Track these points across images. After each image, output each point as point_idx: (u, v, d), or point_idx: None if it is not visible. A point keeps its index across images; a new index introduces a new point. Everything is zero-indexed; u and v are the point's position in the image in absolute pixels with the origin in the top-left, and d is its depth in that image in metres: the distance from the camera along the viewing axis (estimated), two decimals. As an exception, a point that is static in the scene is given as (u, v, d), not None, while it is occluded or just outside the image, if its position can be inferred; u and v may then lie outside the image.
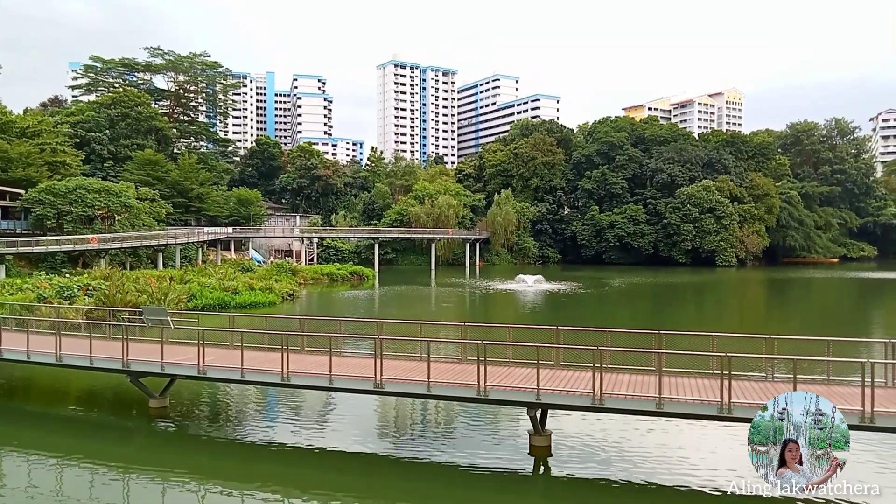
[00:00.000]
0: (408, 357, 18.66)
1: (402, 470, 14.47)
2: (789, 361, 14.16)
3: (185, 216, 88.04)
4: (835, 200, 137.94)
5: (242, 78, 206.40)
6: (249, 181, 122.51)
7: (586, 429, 16.68)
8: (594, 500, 13.03)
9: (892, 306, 56.26)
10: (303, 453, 15.46)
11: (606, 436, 16.30)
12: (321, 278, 70.53)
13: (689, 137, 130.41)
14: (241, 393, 21.05)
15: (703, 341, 17.96)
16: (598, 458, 14.78)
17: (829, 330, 32.89)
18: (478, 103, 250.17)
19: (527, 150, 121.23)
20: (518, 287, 62.66)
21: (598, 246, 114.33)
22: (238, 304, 43.71)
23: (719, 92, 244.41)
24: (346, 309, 47.86)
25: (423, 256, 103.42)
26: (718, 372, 13.63)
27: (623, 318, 44.39)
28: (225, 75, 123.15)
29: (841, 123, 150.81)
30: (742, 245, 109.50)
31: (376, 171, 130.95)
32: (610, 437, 16.20)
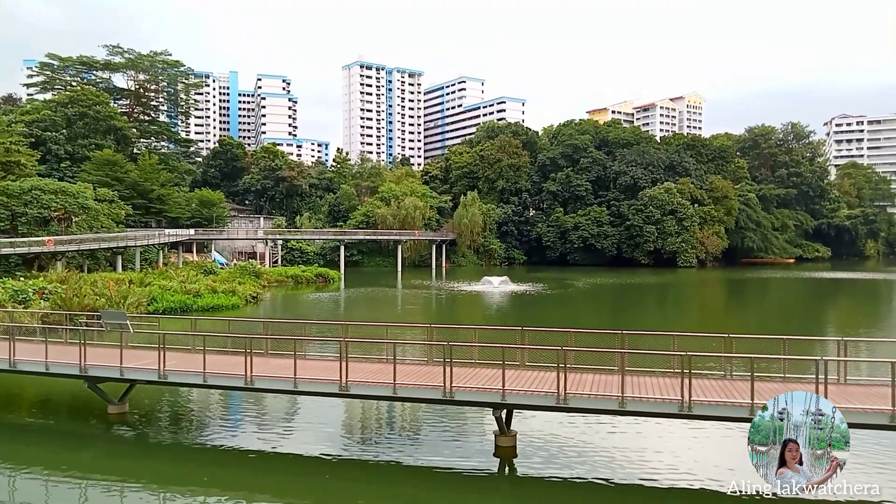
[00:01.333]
0: (374, 359, 18.60)
1: (368, 473, 14.41)
2: (747, 360, 14.53)
3: (145, 218, 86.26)
4: (791, 203, 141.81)
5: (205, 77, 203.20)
6: (212, 182, 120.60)
7: (551, 428, 16.85)
8: (559, 499, 13.16)
9: (845, 305, 58.05)
10: (267, 458, 15.29)
11: (571, 435, 16.49)
12: (286, 280, 69.80)
13: (651, 140, 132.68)
14: (203, 398, 20.72)
15: (665, 341, 18.30)
16: (563, 457, 14.94)
17: (785, 329, 33.87)
18: (444, 105, 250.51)
19: (493, 152, 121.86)
20: (484, 288, 62.93)
21: (563, 247, 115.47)
22: (200, 308, 42.96)
23: (681, 96, 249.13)
24: (312, 311, 47.46)
25: (389, 258, 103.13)
26: (679, 371, 13.90)
27: (587, 318, 44.91)
28: (187, 74, 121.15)
29: (797, 128, 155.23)
30: (702, 246, 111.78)
31: (342, 173, 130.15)
32: (574, 437, 16.40)
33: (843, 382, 15.27)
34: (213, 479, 14.19)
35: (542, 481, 13.71)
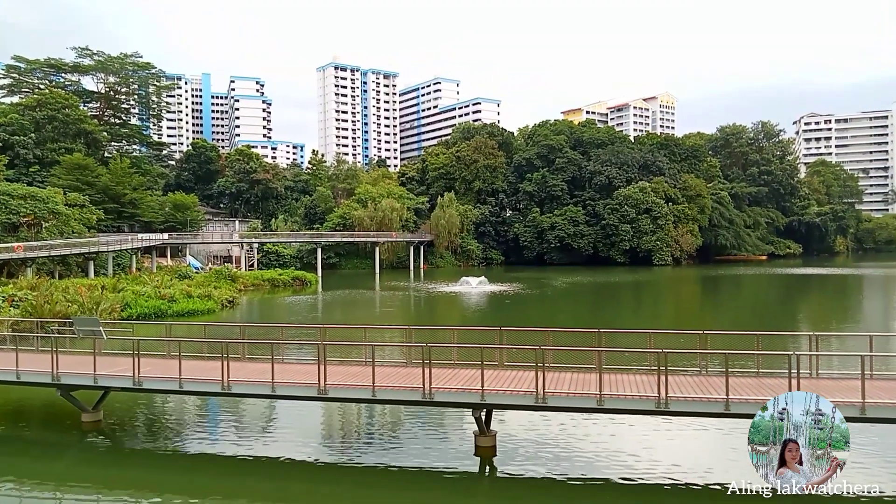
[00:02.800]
0: (352, 362, 18.53)
1: (348, 476, 14.35)
2: (722, 356, 14.73)
3: (117, 222, 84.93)
4: (762, 200, 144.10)
5: (177, 79, 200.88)
6: (186, 185, 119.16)
7: (531, 427, 16.92)
8: (539, 498, 13.23)
9: (816, 301, 59.17)
10: (246, 463, 15.15)
11: (550, 434, 16.57)
12: (262, 284, 69.17)
13: (625, 140, 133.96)
14: (179, 404, 20.45)
15: (641, 338, 18.50)
16: (543, 456, 15.01)
17: (758, 325, 34.42)
18: (419, 106, 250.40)
19: (469, 153, 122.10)
20: (462, 289, 63.00)
21: (540, 247, 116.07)
22: (175, 313, 42.45)
23: (653, 96, 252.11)
24: (289, 315, 47.12)
25: (366, 260, 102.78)
26: (656, 368, 14.05)
27: (565, 317, 45.21)
28: (158, 77, 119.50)
29: (767, 126, 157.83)
30: (677, 244, 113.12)
31: (318, 175, 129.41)
32: (554, 435, 16.48)
33: (815, 376, 15.55)
34: (190, 485, 14.02)
35: (523, 480, 13.76)
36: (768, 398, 13.67)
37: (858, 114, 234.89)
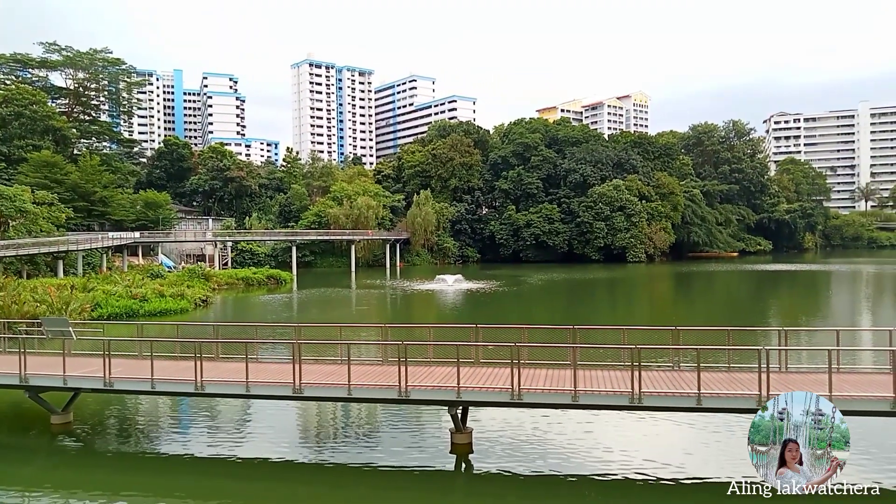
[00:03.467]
0: (328, 361, 18.45)
1: (325, 475, 14.30)
2: (694, 351, 14.97)
3: (87, 221, 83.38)
4: (733, 198, 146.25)
5: (148, 76, 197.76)
6: (157, 183, 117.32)
7: (507, 424, 17.02)
8: (515, 494, 13.31)
9: (786, 296, 60.30)
10: (221, 463, 15.01)
11: (526, 430, 16.68)
12: (236, 283, 68.48)
13: (599, 138, 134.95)
14: (152, 405, 20.19)
15: (615, 335, 18.71)
16: (519, 452, 15.11)
17: (730, 320, 34.97)
18: (395, 104, 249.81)
19: (445, 150, 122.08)
20: (438, 287, 63.04)
21: (516, 245, 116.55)
22: (147, 312, 41.89)
23: (627, 95, 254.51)
24: (263, 314, 46.76)
25: (342, 258, 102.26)
26: (629, 364, 14.22)
27: (541, 314, 45.52)
28: (129, 72, 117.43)
29: (738, 125, 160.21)
30: (650, 241, 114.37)
31: (292, 173, 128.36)
32: (530, 431, 16.59)
33: (784, 371, 15.86)
34: (164, 487, 13.86)
35: (499, 477, 13.85)
36: (739, 393, 14.01)
37: (826, 113, 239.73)
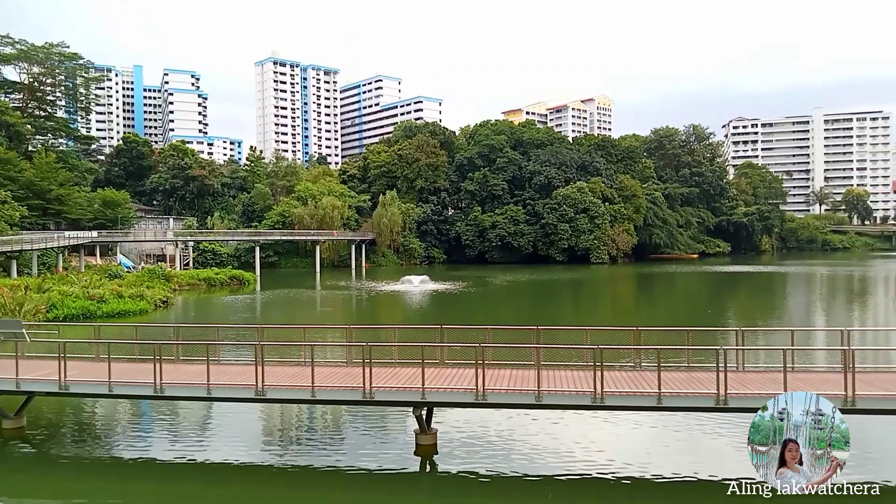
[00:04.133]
0: (291, 363, 18.28)
1: (288, 478, 14.16)
2: (654, 351, 15.24)
3: (42, 219, 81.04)
4: (694, 201, 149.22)
5: (107, 71, 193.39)
6: (116, 182, 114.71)
7: (471, 425, 17.07)
8: (479, 494, 13.38)
9: (743, 297, 61.77)
10: (182, 467, 14.75)
11: (491, 430, 16.76)
12: (198, 284, 67.30)
13: (564, 141, 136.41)
14: (110, 409, 19.73)
15: (579, 335, 18.92)
16: (483, 452, 15.18)
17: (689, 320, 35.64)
18: (361, 104, 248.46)
19: (411, 151, 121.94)
20: (404, 288, 62.92)
21: (482, 246, 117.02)
22: (105, 314, 40.90)
23: (591, 98, 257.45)
24: (226, 315, 46.07)
25: (307, 259, 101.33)
26: (592, 364, 14.42)
27: (506, 315, 45.79)
28: (86, 67, 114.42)
29: (698, 129, 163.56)
30: (613, 243, 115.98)
31: (256, 172, 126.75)
32: (494, 432, 16.68)
33: (741, 370, 16.26)
34: (123, 492, 13.57)
35: (463, 477, 13.89)
36: (698, 392, 14.31)
37: (782, 118, 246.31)
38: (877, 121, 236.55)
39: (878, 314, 44.55)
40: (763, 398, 13.96)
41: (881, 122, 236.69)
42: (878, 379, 15.07)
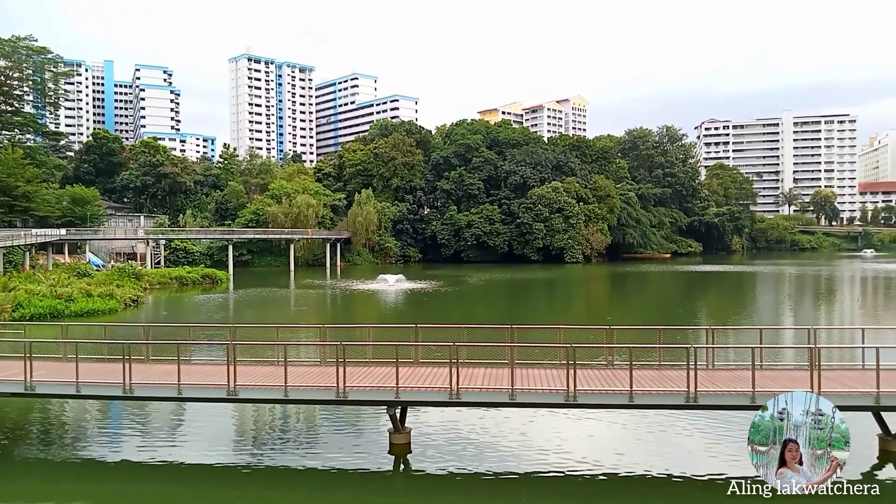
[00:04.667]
0: (264, 362, 18.11)
1: (261, 479, 14.04)
2: (627, 350, 15.40)
3: (9, 217, 79.19)
4: (667, 201, 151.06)
5: (76, 66, 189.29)
6: (86, 178, 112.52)
7: (445, 424, 17.10)
8: (452, 492, 13.42)
9: (714, 296, 62.72)
10: (152, 468, 14.54)
11: (464, 429, 16.80)
12: (169, 282, 66.37)
13: (539, 141, 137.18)
14: (78, 410, 19.37)
15: (552, 334, 19.02)
16: (457, 451, 15.21)
17: (661, 319, 36.12)
18: (336, 102, 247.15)
19: (387, 150, 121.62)
20: (379, 287, 62.74)
21: (457, 245, 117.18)
22: (73, 313, 40.16)
23: (566, 98, 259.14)
24: (198, 314, 45.50)
25: (281, 258, 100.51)
26: (565, 362, 14.52)
27: (481, 313, 45.92)
28: (55, 62, 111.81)
29: (671, 131, 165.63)
30: (588, 243, 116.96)
31: (229, 169, 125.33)
32: (468, 431, 16.72)
33: (711, 368, 16.48)
34: (92, 494, 13.35)
35: (437, 476, 13.91)
36: (668, 389, 14.50)
37: (753, 120, 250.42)
38: (844, 124, 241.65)
39: (844, 313, 45.56)
40: (732, 396, 14.27)
41: (848, 126, 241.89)
42: (843, 376, 15.42)
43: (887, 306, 50.88)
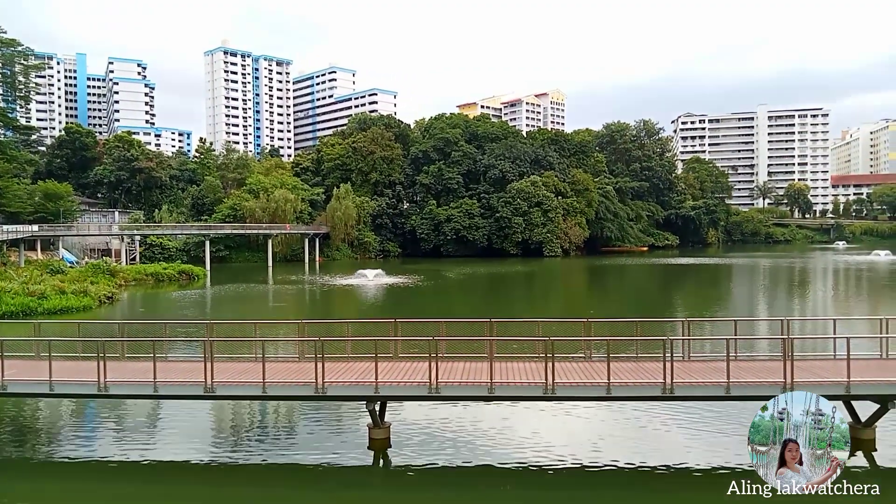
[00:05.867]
0: (242, 359, 17.99)
1: (239, 475, 13.97)
2: (604, 342, 15.54)
3: (-22, 213, 77.59)
4: (644, 195, 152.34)
5: (48, 59, 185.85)
6: (58, 173, 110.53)
7: (425, 418, 17.13)
8: (432, 486, 13.46)
9: (690, 288, 63.49)
10: (130, 467, 14.37)
11: (444, 423, 16.85)
12: (145, 279, 65.52)
13: (517, 135, 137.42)
14: (52, 410, 19.07)
15: (531, 327, 19.14)
16: (436, 445, 15.25)
17: (639, 311, 36.46)
18: (314, 95, 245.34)
19: (365, 144, 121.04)
20: (359, 282, 62.56)
21: (437, 239, 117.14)
22: (46, 311, 39.48)
23: (544, 93, 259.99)
24: (174, 311, 45.02)
25: (259, 253, 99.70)
26: (543, 355, 14.61)
27: (460, 308, 45.99)
28: (26, 55, 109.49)
29: (648, 125, 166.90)
30: (566, 236, 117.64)
31: (206, 164, 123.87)
32: (447, 425, 16.76)
33: (687, 359, 16.69)
34: (67, 493, 13.19)
35: (416, 470, 13.94)
36: (645, 381, 14.67)
37: (728, 115, 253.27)
38: (817, 118, 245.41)
39: (817, 304, 46.39)
40: (707, 387, 14.48)
41: (821, 120, 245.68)
42: (815, 366, 15.71)
43: (858, 297, 51.90)
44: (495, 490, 13.12)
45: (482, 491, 13.16)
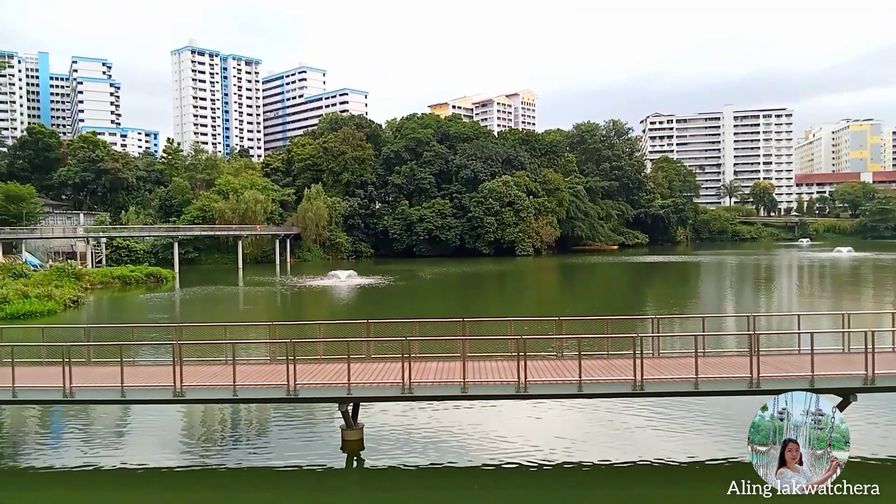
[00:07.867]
0: (212, 362, 17.74)
1: (212, 479, 13.79)
2: (576, 340, 15.67)
3: (-65, 216, 75.40)
4: (614, 194, 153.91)
5: (8, 58, 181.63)
6: (20, 175, 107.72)
7: (398, 418, 17.11)
8: (406, 486, 13.46)
9: (660, 286, 64.39)
10: (97, 473, 14.08)
11: (418, 423, 16.85)
12: (112, 282, 64.21)
13: (489, 135, 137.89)
14: (16, 417, 18.60)
15: (503, 326, 19.22)
16: (410, 445, 15.25)
17: (609, 309, 36.85)
18: (284, 95, 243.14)
19: (336, 144, 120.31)
20: (331, 283, 62.19)
21: (409, 239, 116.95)
22: (9, 315, 38.44)
23: (515, 93, 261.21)
24: (142, 314, 44.27)
25: (229, 255, 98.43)
26: (515, 354, 14.69)
27: (433, 307, 45.99)
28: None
29: (618, 125, 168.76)
30: (538, 235, 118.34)
31: (174, 165, 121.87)
32: (421, 425, 16.77)
33: (656, 356, 16.93)
34: (32, 501, 12.84)
35: (390, 471, 13.93)
36: (616, 378, 14.84)
37: (695, 115, 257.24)
38: (781, 118, 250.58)
39: (782, 300, 47.40)
40: (677, 383, 14.70)
41: (785, 119, 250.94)
42: (781, 361, 16.04)
43: (821, 293, 53.16)
44: (469, 489, 13.17)
45: (457, 490, 13.20)
